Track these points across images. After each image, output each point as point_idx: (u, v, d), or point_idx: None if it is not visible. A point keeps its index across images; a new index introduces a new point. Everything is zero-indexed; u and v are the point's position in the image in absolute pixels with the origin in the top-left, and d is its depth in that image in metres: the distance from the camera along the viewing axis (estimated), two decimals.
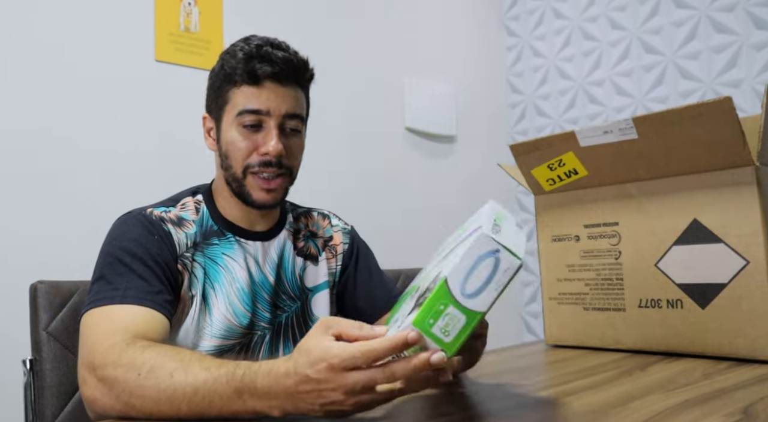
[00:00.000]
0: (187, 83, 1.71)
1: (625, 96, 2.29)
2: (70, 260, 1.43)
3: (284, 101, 0.83)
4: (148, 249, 0.78)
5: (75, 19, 1.55)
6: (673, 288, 0.87)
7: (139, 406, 0.59)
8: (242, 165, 0.83)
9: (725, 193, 0.82)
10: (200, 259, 0.83)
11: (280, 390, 0.52)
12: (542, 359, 0.92)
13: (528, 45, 2.62)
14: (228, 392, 0.55)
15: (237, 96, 0.83)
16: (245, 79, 0.82)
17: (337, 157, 2.06)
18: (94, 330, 0.69)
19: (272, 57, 0.82)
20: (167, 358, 0.60)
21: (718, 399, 0.60)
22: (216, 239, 0.86)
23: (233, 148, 0.84)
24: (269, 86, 0.82)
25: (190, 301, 0.81)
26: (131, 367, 0.61)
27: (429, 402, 0.64)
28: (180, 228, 0.83)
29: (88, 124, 1.55)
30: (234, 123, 0.84)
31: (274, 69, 0.81)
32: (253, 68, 0.81)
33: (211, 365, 0.58)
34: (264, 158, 0.82)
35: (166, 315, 0.74)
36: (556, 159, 0.94)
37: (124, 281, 0.74)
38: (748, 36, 2.01)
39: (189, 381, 0.57)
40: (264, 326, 0.87)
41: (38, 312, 0.90)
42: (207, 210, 0.88)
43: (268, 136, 0.82)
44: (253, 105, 0.82)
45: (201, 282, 0.82)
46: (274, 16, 1.93)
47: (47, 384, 0.88)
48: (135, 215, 0.82)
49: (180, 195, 0.90)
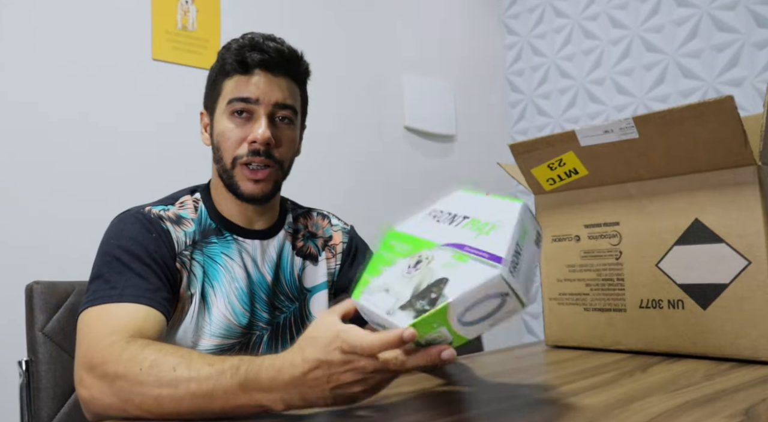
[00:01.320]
0: (185, 82, 1.70)
1: (625, 95, 2.28)
2: (66, 260, 1.43)
3: (274, 90, 0.82)
4: (146, 248, 0.77)
5: (71, 17, 1.54)
6: (675, 289, 0.86)
7: (139, 403, 0.59)
8: (232, 156, 0.83)
9: (727, 193, 0.81)
10: (199, 258, 0.83)
11: (287, 381, 0.53)
12: (542, 360, 0.92)
13: (528, 43, 2.61)
14: (232, 386, 0.55)
15: (228, 85, 0.83)
16: (236, 68, 0.82)
17: (335, 157, 2.06)
18: (91, 329, 0.69)
19: (263, 47, 0.82)
20: (169, 354, 0.60)
21: (720, 400, 0.60)
22: (215, 237, 0.85)
23: (223, 138, 0.83)
24: (259, 73, 0.82)
25: (189, 300, 0.81)
26: (132, 362, 0.60)
27: (428, 402, 0.64)
28: (179, 226, 0.83)
29: (85, 124, 1.54)
30: (225, 112, 0.84)
31: (263, 57, 0.81)
32: (244, 56, 0.82)
33: (214, 361, 0.58)
34: (252, 147, 0.82)
35: (164, 313, 0.74)
36: (556, 158, 0.94)
37: (122, 279, 0.73)
38: (749, 34, 2.00)
39: (192, 375, 0.57)
40: (262, 326, 0.86)
41: (34, 313, 0.90)
42: (205, 208, 0.87)
43: (257, 124, 0.82)
44: (242, 93, 0.82)
45: (200, 281, 0.82)
46: (272, 13, 1.93)
47: (43, 385, 0.87)
48: (133, 213, 0.82)
49: (178, 193, 0.89)
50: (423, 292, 0.52)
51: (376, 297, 0.54)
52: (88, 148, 1.54)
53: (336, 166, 2.05)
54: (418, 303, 0.51)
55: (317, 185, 1.90)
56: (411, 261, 0.56)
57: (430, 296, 0.51)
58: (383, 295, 0.54)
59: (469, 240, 0.54)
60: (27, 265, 1.41)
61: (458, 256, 0.53)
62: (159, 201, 0.87)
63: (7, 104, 1.44)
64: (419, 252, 0.56)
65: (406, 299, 0.52)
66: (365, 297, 0.56)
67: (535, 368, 0.86)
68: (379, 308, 0.53)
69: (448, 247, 0.54)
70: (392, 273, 0.56)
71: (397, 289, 0.54)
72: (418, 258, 0.55)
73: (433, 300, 0.50)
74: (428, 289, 0.52)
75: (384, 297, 0.54)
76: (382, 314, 0.53)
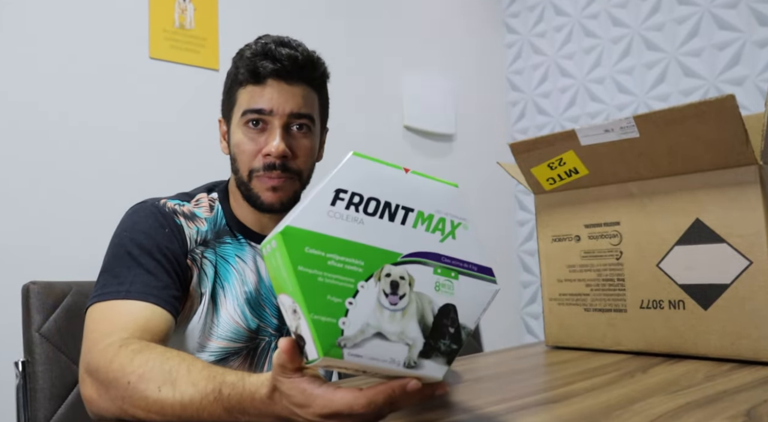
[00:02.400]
0: (183, 81, 1.70)
1: (626, 94, 2.28)
2: (63, 260, 1.42)
3: (288, 100, 0.80)
4: (158, 243, 0.77)
5: (68, 16, 1.54)
6: (675, 289, 0.86)
7: (132, 413, 0.59)
8: (248, 168, 0.82)
9: (728, 193, 0.81)
10: (211, 257, 0.82)
11: (270, 413, 0.50)
12: (542, 361, 0.91)
13: (528, 42, 2.61)
14: (218, 410, 0.53)
15: (242, 96, 0.82)
16: (248, 78, 0.81)
17: (335, 156, 2.05)
18: (95, 326, 0.69)
19: (276, 54, 0.80)
20: (156, 368, 0.58)
21: (721, 401, 0.60)
22: (229, 238, 0.85)
23: (239, 150, 0.82)
24: (272, 84, 0.80)
25: (199, 299, 0.81)
26: (121, 374, 0.60)
27: (426, 405, 0.63)
28: (192, 222, 0.82)
29: (82, 123, 1.54)
30: (240, 124, 0.82)
31: (275, 66, 0.79)
32: (256, 66, 0.80)
33: (198, 380, 0.55)
34: (267, 160, 0.80)
35: (171, 311, 0.73)
36: (556, 158, 0.93)
37: (130, 274, 0.73)
38: (751, 33, 1.99)
39: (177, 398, 0.56)
40: (271, 332, 0.85)
41: (31, 313, 0.89)
42: (221, 209, 0.86)
43: (271, 136, 0.80)
44: (256, 104, 0.80)
45: (211, 281, 0.81)
46: (271, 12, 1.92)
47: (40, 386, 0.87)
48: (148, 205, 0.81)
49: (195, 191, 0.89)
50: (437, 329, 0.44)
51: (372, 349, 0.42)
52: (85, 148, 1.54)
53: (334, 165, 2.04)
54: (441, 344, 0.44)
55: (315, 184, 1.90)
56: (382, 286, 0.43)
57: (448, 331, 0.44)
58: (381, 343, 0.42)
59: (439, 248, 0.45)
60: (24, 265, 1.40)
61: (443, 272, 0.45)
62: (175, 195, 0.86)
63: (2, 103, 1.43)
64: (382, 269, 0.43)
65: (422, 342, 0.43)
66: (353, 352, 0.41)
67: (535, 369, 0.86)
68: (388, 362, 0.42)
69: (421, 260, 0.44)
70: (363, 309, 0.42)
71: (394, 330, 0.43)
72: (390, 280, 0.43)
73: (455, 335, 0.44)
74: (441, 324, 0.44)
75: (385, 346, 0.42)
76: (397, 368, 0.42)
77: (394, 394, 0.42)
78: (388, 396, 0.42)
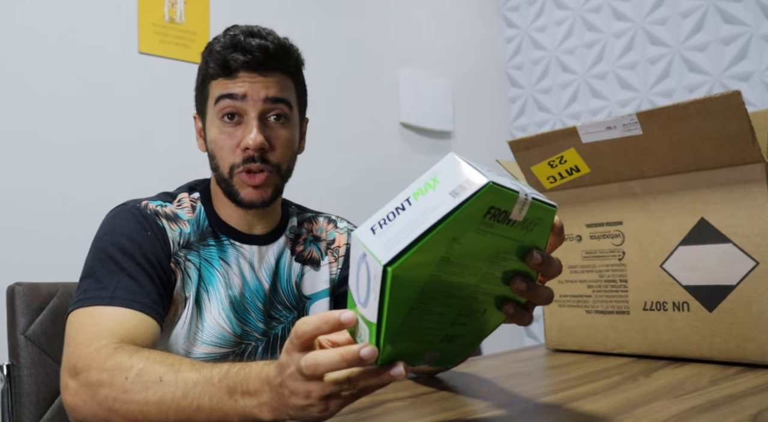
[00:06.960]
0: (172, 76, 1.68)
1: (629, 90, 2.26)
2: (49, 261, 1.40)
3: (262, 87, 0.79)
4: (141, 246, 0.75)
5: (55, 9, 1.52)
6: (679, 291, 0.85)
7: (123, 413, 0.58)
8: (228, 165, 0.80)
9: (733, 191, 0.80)
10: (195, 260, 0.81)
11: (270, 388, 0.51)
12: (542, 364, 0.91)
13: (528, 36, 2.59)
14: (219, 392, 0.53)
15: (214, 89, 0.80)
16: (219, 72, 0.79)
17: (330, 155, 2.03)
18: (79, 332, 0.67)
19: (246, 46, 0.78)
20: (157, 363, 0.59)
21: (727, 405, 0.59)
22: (212, 240, 0.83)
23: (216, 147, 0.81)
24: (243, 76, 0.78)
25: (183, 303, 0.79)
26: (118, 371, 0.59)
27: (424, 408, 0.63)
28: (175, 224, 0.81)
29: (69, 119, 1.52)
30: (215, 118, 0.81)
31: (246, 58, 0.78)
32: (226, 59, 0.78)
33: (202, 366, 0.57)
34: (246, 154, 0.79)
35: (156, 318, 0.72)
36: (557, 155, 0.92)
37: (113, 280, 0.72)
38: (758, 26, 1.97)
39: (179, 384, 0.56)
40: (257, 337, 0.84)
41: (16, 316, 0.88)
42: (204, 210, 0.85)
43: (248, 128, 0.79)
44: (228, 90, 0.79)
45: (195, 285, 0.80)
46: (262, 5, 1.90)
47: (25, 390, 0.86)
48: (129, 208, 0.80)
49: (177, 191, 0.87)
50: None
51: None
52: (72, 144, 1.51)
53: (330, 163, 2.03)
54: None
55: (311, 182, 1.88)
56: None
57: None
58: None
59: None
60: (8, 266, 1.38)
61: None
62: (156, 196, 0.85)
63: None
64: None
65: None
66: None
67: (536, 372, 0.85)
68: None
69: None
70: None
71: None
72: None
73: None
74: None
75: None
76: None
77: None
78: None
